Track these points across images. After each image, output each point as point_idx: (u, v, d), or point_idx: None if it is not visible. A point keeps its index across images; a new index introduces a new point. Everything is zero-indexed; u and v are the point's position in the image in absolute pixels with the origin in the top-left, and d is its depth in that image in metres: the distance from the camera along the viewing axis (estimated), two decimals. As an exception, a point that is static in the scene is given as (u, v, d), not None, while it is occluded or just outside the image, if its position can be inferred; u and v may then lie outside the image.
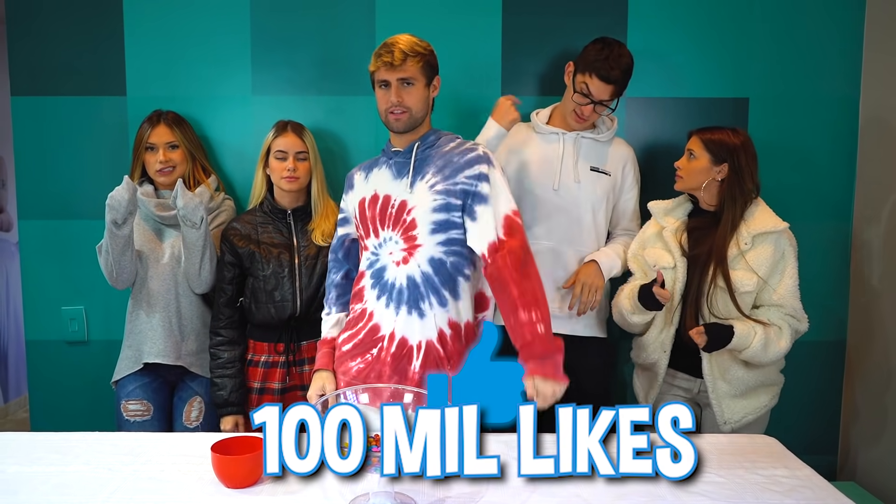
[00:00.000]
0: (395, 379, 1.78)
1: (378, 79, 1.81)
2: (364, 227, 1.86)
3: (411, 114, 1.80)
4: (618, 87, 2.09)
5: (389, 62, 1.76)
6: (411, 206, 1.80)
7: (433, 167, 1.82)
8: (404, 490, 1.40)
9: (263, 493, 1.41)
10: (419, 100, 1.81)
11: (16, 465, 1.53)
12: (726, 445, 1.68)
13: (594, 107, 2.11)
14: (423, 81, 1.81)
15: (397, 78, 1.78)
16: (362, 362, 1.82)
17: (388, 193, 1.83)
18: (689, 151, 2.08)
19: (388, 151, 1.89)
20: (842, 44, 2.47)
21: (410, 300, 1.79)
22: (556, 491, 1.43)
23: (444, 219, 1.79)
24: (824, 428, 2.61)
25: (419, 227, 1.79)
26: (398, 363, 1.79)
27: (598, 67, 2.05)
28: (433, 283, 1.79)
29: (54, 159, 2.46)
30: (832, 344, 2.58)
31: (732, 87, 2.49)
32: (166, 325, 2.22)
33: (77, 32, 2.44)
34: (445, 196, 1.79)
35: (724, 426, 2.05)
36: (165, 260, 2.23)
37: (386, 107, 1.80)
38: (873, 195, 2.45)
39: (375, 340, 1.81)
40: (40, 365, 2.55)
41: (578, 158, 2.19)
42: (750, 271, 1.99)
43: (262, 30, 2.45)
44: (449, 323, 1.81)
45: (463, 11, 2.45)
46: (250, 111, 2.46)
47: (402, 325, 1.79)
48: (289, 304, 2.15)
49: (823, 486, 1.47)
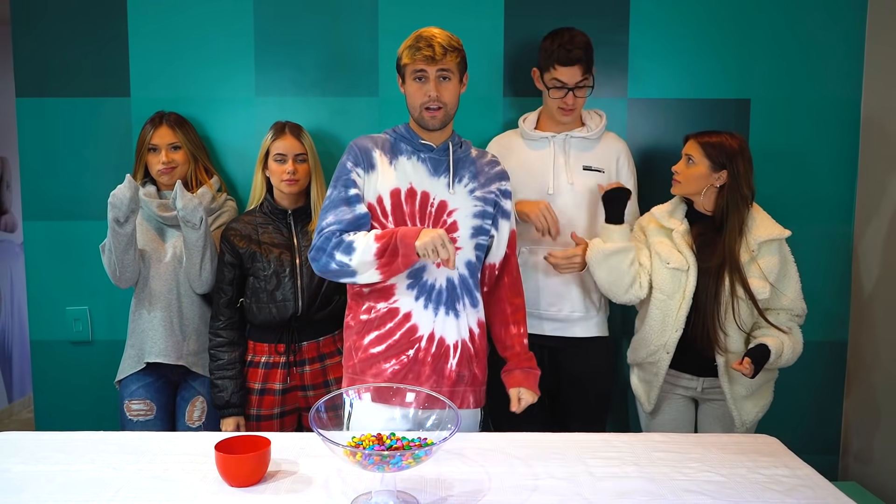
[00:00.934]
0: (433, 378, 1.81)
1: (414, 70, 1.78)
2: (398, 221, 1.81)
3: (446, 110, 1.81)
4: (583, 65, 2.10)
5: (430, 56, 1.74)
6: (452, 207, 1.82)
7: (468, 172, 1.86)
8: (407, 489, 1.40)
9: (267, 491, 1.42)
10: (454, 95, 1.81)
11: (21, 464, 1.54)
12: (728, 445, 1.68)
13: (573, 93, 2.11)
14: (458, 77, 1.82)
15: (437, 69, 1.77)
16: (397, 364, 1.81)
17: (426, 190, 1.82)
18: (688, 156, 2.07)
19: (413, 143, 1.85)
20: (843, 46, 2.48)
21: (448, 301, 1.83)
22: (557, 489, 1.43)
23: (479, 224, 1.85)
24: (826, 428, 2.62)
25: (460, 230, 1.82)
26: (437, 363, 1.82)
27: (556, 57, 2.09)
28: (468, 285, 1.86)
29: (58, 160, 2.48)
30: (833, 345, 2.58)
31: (734, 89, 2.49)
32: (167, 324, 2.23)
33: (81, 34, 2.45)
34: (483, 203, 1.85)
35: (740, 427, 2.08)
36: (167, 260, 2.25)
37: (423, 101, 1.78)
38: (874, 197, 2.45)
39: (413, 341, 1.81)
40: (45, 365, 2.56)
41: (570, 159, 2.19)
42: (763, 279, 2.02)
43: (266, 31, 2.46)
44: (477, 322, 1.90)
45: (466, 13, 2.46)
46: (254, 112, 2.48)
47: (441, 326, 1.82)
48: (290, 303, 2.16)
49: (824, 486, 1.47)
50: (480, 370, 1.91)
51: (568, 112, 2.14)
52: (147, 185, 2.31)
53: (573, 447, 1.64)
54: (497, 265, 1.95)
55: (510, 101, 2.48)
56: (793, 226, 2.10)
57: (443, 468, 1.51)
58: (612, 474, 1.51)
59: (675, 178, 2.10)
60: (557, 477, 1.49)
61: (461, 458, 1.57)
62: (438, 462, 1.53)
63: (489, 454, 1.59)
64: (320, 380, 2.21)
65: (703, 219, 2.10)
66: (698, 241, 2.08)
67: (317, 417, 1.38)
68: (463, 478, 1.48)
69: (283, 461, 1.53)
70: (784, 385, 2.19)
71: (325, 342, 2.23)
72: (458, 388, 1.85)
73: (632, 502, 1.39)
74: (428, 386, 1.78)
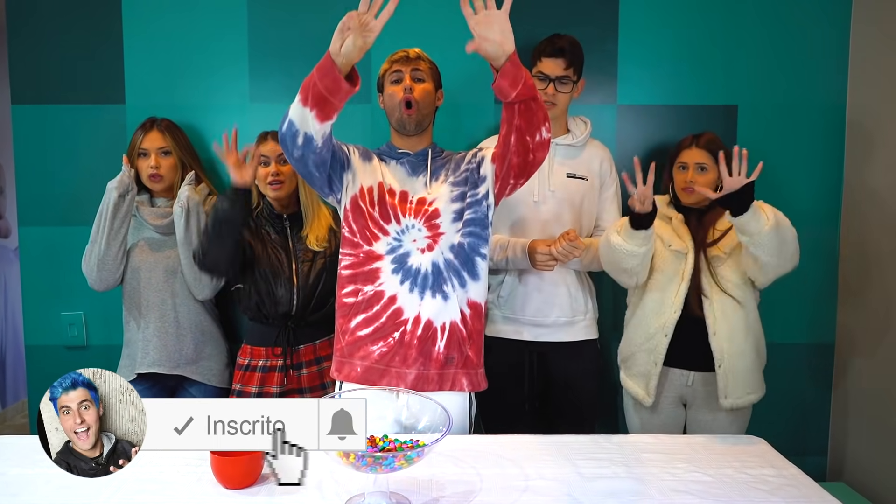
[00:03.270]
0: (420, 361, 1.82)
1: (391, 72, 1.93)
2: (382, 212, 1.86)
3: (419, 108, 1.89)
4: (566, 58, 2.13)
5: (405, 56, 1.92)
6: (431, 199, 1.88)
7: (444, 170, 1.93)
8: (399, 490, 1.43)
9: (261, 493, 1.44)
10: (428, 95, 1.93)
11: (17, 467, 1.55)
12: (716, 446, 1.71)
13: (555, 85, 2.15)
14: (432, 84, 1.95)
15: (411, 69, 1.91)
16: (384, 346, 1.84)
17: (405, 189, 1.90)
18: (699, 165, 2.11)
19: (393, 153, 1.96)
20: (828, 53, 2.52)
21: (434, 284, 1.84)
22: (547, 490, 1.46)
23: (460, 207, 1.88)
24: (814, 430, 2.65)
25: (442, 216, 1.86)
26: (423, 345, 1.82)
27: (542, 49, 2.17)
28: (454, 267, 1.86)
29: (54, 167, 2.50)
30: (821, 347, 2.61)
31: (722, 95, 2.53)
32: (162, 334, 2.25)
33: (76, 41, 2.47)
34: (462, 185, 1.89)
35: (724, 400, 2.07)
36: (161, 270, 2.26)
37: (400, 98, 1.89)
38: (860, 200, 2.49)
39: (398, 324, 1.83)
40: (40, 370, 2.57)
41: (554, 167, 2.22)
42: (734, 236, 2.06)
43: (259, 38, 2.49)
44: (468, 303, 1.87)
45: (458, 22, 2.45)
46: (248, 118, 2.50)
47: (427, 309, 1.83)
48: (285, 300, 2.18)
49: (809, 485, 1.50)
50: (475, 352, 1.89)
51: (549, 107, 2.15)
52: (139, 192, 2.32)
53: (563, 449, 1.67)
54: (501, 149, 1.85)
55: (500, 108, 2.49)
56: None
57: (435, 469, 1.53)
58: (602, 475, 1.53)
59: (689, 187, 2.11)
60: (547, 478, 1.51)
61: (453, 460, 1.59)
62: (430, 464, 1.55)
63: (480, 456, 1.62)
64: (317, 382, 2.23)
65: (692, 210, 2.17)
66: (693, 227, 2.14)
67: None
68: (455, 479, 1.50)
69: (277, 463, 1.55)
70: (772, 387, 2.21)
71: (321, 345, 2.25)
72: (448, 370, 1.84)
73: (620, 502, 1.41)
74: (415, 368, 1.80)
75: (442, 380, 1.82)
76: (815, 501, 1.42)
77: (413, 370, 1.80)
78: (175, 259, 2.26)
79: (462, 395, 1.88)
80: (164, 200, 2.33)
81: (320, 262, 2.21)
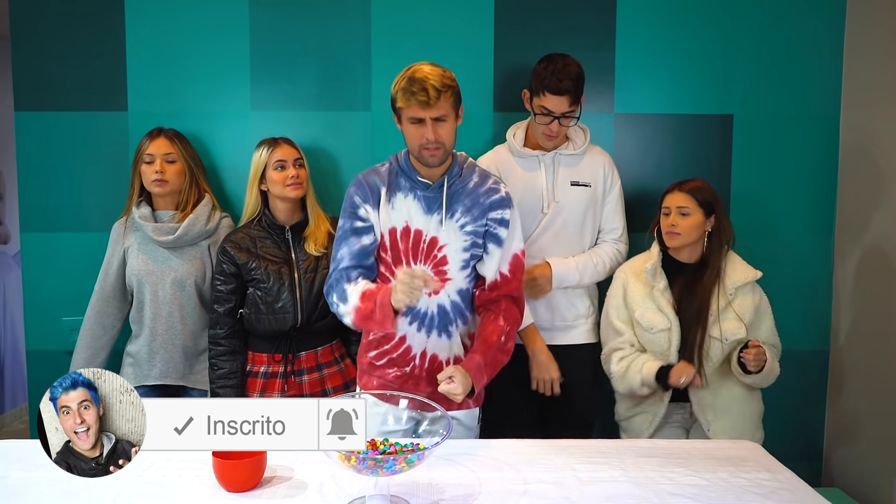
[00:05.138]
0: (431, 387, 1.89)
1: (409, 116, 1.79)
2: (395, 256, 1.90)
3: (445, 148, 1.82)
4: (572, 95, 2.13)
5: (425, 101, 1.74)
6: (442, 243, 1.88)
7: (461, 206, 1.88)
8: (399, 493, 1.44)
9: (263, 496, 1.45)
10: (451, 133, 1.83)
11: (21, 470, 1.56)
12: (712, 450, 1.73)
13: (558, 122, 2.16)
14: (454, 115, 1.83)
15: (432, 116, 1.77)
16: (398, 371, 1.93)
17: (420, 228, 1.87)
18: (681, 209, 2.11)
19: (412, 178, 1.88)
20: (823, 64, 2.55)
21: (440, 325, 1.91)
22: (545, 493, 1.47)
23: (470, 255, 1.91)
24: (809, 435, 2.67)
25: (450, 263, 1.89)
26: (432, 375, 1.90)
27: (547, 84, 2.11)
28: (459, 308, 1.94)
29: (56, 173, 2.51)
30: (816, 353, 2.64)
31: (718, 105, 2.56)
32: (169, 347, 2.27)
33: (79, 48, 2.49)
34: (474, 237, 1.89)
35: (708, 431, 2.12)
36: (167, 284, 2.27)
37: (421, 143, 1.80)
38: (854, 210, 2.52)
39: (408, 360, 1.92)
40: (41, 375, 2.58)
41: (558, 176, 2.25)
42: (738, 321, 2.10)
43: (261, 46, 2.50)
44: (469, 335, 1.98)
45: (456, 27, 2.51)
46: (249, 126, 2.52)
47: (433, 346, 1.92)
48: (290, 315, 2.19)
49: (803, 489, 1.52)
50: None
51: (551, 138, 2.20)
52: (142, 205, 2.32)
53: (561, 453, 1.68)
54: (489, 282, 1.93)
55: (500, 117, 2.53)
56: (775, 238, 2.16)
57: (434, 473, 1.55)
58: (599, 479, 1.55)
59: (672, 232, 2.12)
60: (546, 481, 1.53)
61: (453, 464, 1.61)
62: (430, 467, 1.56)
63: (480, 460, 1.64)
64: (318, 389, 2.23)
65: (680, 268, 2.17)
66: (680, 291, 2.15)
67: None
68: (454, 482, 1.52)
69: (278, 467, 1.57)
70: (767, 393, 2.23)
71: (323, 352, 2.26)
72: None
73: (618, 505, 1.43)
74: (425, 393, 1.85)
75: (450, 401, 1.84)
76: (809, 505, 1.45)
77: (423, 393, 1.86)
78: (182, 272, 2.27)
79: (471, 412, 1.96)
80: (166, 214, 2.33)
81: (323, 271, 2.21)
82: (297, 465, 1.59)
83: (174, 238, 2.26)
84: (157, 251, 2.29)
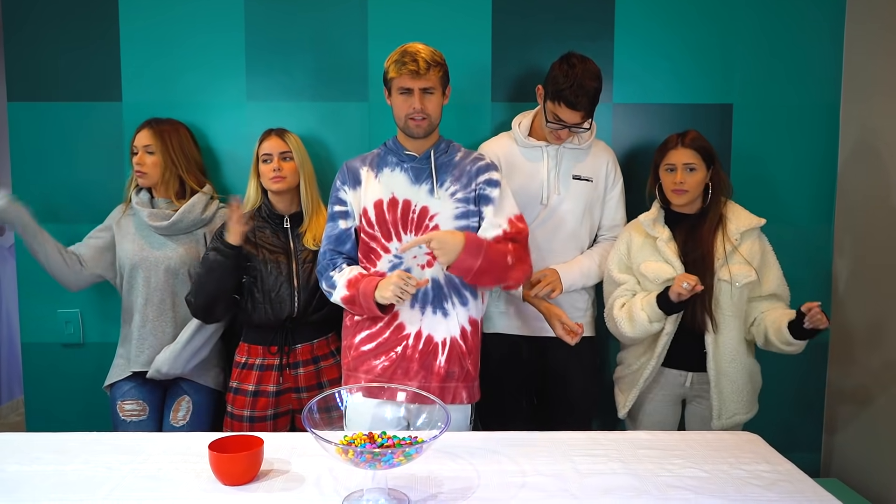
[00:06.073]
0: (421, 374, 1.88)
1: (399, 86, 1.88)
2: (384, 230, 1.91)
3: (430, 120, 1.90)
4: (587, 112, 2.09)
5: (415, 70, 1.84)
6: (434, 212, 1.89)
7: (450, 175, 1.93)
8: (397, 486, 1.43)
9: (260, 489, 1.44)
10: (437, 107, 1.92)
11: (15, 464, 1.55)
12: (711, 442, 1.72)
13: (569, 129, 2.13)
14: (441, 90, 1.92)
15: (420, 87, 1.86)
16: (387, 360, 1.90)
17: (408, 198, 1.90)
18: (688, 165, 2.08)
19: (399, 154, 1.95)
20: (823, 52, 2.54)
21: (435, 300, 1.90)
22: (544, 486, 1.46)
23: (464, 224, 1.90)
24: (808, 426, 2.67)
25: None
26: (424, 359, 1.88)
27: (565, 97, 2.05)
28: (455, 284, 1.91)
29: (50, 164, 2.49)
30: (815, 344, 2.62)
31: (717, 94, 2.54)
32: (159, 333, 2.25)
33: (73, 38, 2.47)
34: (465, 203, 1.90)
35: (716, 421, 2.10)
36: (161, 271, 2.26)
37: (407, 112, 1.88)
38: (853, 199, 2.51)
39: (400, 339, 1.89)
40: (36, 367, 2.57)
41: (561, 169, 2.23)
42: (747, 265, 2.07)
43: (257, 36, 2.48)
44: (469, 320, 1.94)
45: (453, 17, 2.49)
46: (245, 117, 2.50)
47: (428, 324, 1.90)
48: (286, 304, 2.18)
49: (803, 480, 1.52)
50: (473, 366, 1.95)
51: (558, 141, 2.18)
52: (141, 192, 2.32)
53: (560, 445, 1.68)
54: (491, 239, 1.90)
55: (498, 106, 2.52)
56: (775, 227, 2.15)
57: (433, 466, 1.54)
58: (598, 471, 1.54)
59: (679, 189, 2.09)
60: (545, 474, 1.52)
61: (451, 456, 1.60)
62: (428, 460, 1.56)
63: (478, 452, 1.63)
64: (314, 381, 2.23)
65: (682, 219, 2.15)
66: (683, 240, 2.12)
67: (309, 417, 1.40)
68: (452, 475, 1.51)
69: (275, 460, 1.56)
70: (767, 384, 2.23)
71: (318, 344, 2.25)
72: (449, 384, 1.90)
73: (617, 498, 1.42)
74: (416, 381, 1.85)
75: (443, 393, 1.86)
76: (808, 497, 1.44)
77: (414, 383, 1.85)
78: (176, 259, 2.26)
79: (464, 408, 1.94)
80: (164, 202, 2.32)
81: (319, 263, 2.20)
82: (295, 458, 1.58)
83: (168, 224, 2.25)
84: (152, 237, 2.29)
